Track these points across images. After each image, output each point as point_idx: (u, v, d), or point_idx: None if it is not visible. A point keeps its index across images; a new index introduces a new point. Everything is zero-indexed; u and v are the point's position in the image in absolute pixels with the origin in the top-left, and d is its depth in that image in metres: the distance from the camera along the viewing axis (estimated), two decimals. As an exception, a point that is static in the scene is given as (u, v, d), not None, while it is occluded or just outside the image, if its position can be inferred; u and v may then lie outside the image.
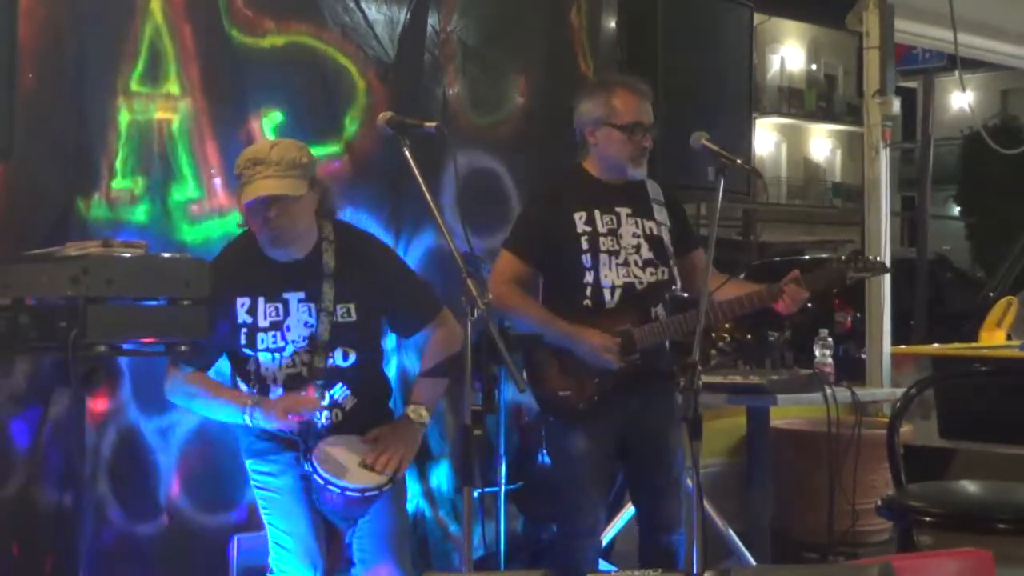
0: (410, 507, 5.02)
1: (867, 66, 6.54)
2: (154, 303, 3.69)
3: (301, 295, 3.76)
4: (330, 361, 3.77)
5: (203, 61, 4.49)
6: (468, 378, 3.43)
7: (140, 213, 4.35)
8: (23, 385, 4.07)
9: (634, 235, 4.15)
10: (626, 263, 4.12)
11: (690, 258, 4.29)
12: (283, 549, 3.76)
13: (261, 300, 3.75)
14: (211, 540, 4.41)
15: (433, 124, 3.62)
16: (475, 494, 3.46)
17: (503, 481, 4.90)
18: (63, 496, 3.87)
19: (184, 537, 4.41)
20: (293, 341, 3.75)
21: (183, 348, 3.67)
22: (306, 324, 3.75)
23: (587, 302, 4.09)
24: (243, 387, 3.83)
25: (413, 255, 4.95)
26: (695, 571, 3.28)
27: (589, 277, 4.10)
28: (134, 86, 4.36)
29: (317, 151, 4.33)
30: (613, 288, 4.10)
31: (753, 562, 5.05)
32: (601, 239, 4.11)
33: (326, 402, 3.76)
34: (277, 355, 3.75)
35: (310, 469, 3.66)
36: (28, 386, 4.07)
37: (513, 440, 5.11)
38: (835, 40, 31.68)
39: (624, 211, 4.18)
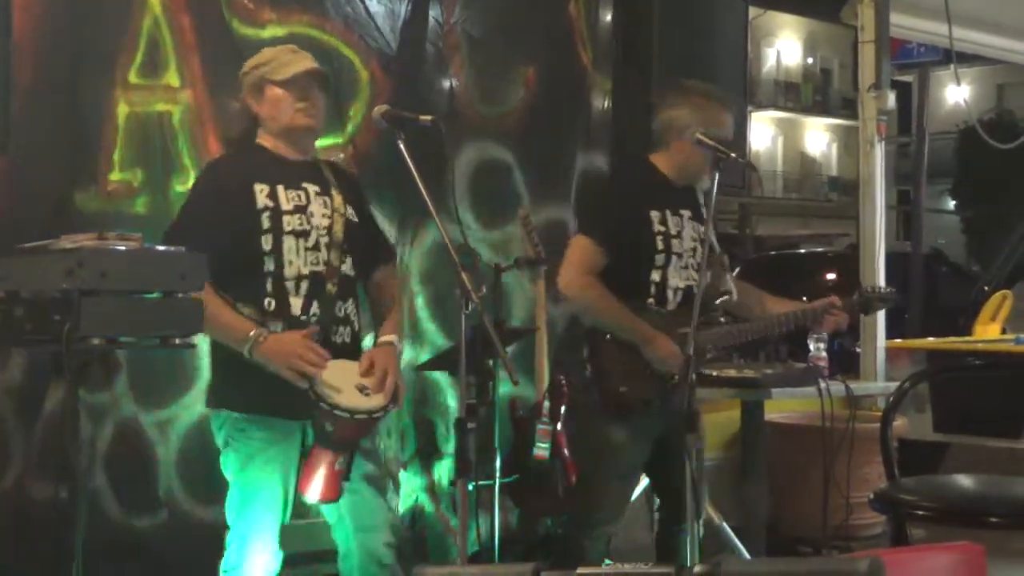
0: (411, 501, 5.04)
1: (862, 60, 6.54)
2: (149, 296, 3.69)
3: (317, 188, 3.75)
4: (343, 267, 3.71)
5: (203, 53, 4.49)
6: (463, 372, 3.44)
7: (140, 205, 4.36)
8: (18, 378, 4.08)
9: (692, 239, 4.20)
10: (686, 266, 4.17)
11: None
12: (257, 498, 3.65)
13: (280, 188, 3.68)
14: (210, 534, 4.41)
15: (429, 117, 3.61)
16: (469, 487, 3.46)
17: (497, 474, 4.91)
18: (59, 490, 3.87)
19: (183, 530, 4.41)
20: (316, 228, 3.68)
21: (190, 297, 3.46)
22: (323, 215, 3.71)
23: (651, 300, 4.13)
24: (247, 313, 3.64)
25: (419, 247, 4.96)
26: (688, 563, 3.29)
27: (657, 276, 4.13)
28: (133, 78, 4.36)
29: (320, 143, 4.34)
30: (676, 290, 4.15)
31: (747, 555, 5.06)
32: (673, 240, 4.15)
33: (341, 313, 3.69)
34: (302, 241, 3.65)
35: (314, 398, 3.53)
36: (24, 379, 4.07)
37: (507, 433, 5.12)
38: (831, 33, 31.65)
39: (687, 214, 4.22)
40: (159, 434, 4.37)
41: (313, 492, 3.60)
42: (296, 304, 3.64)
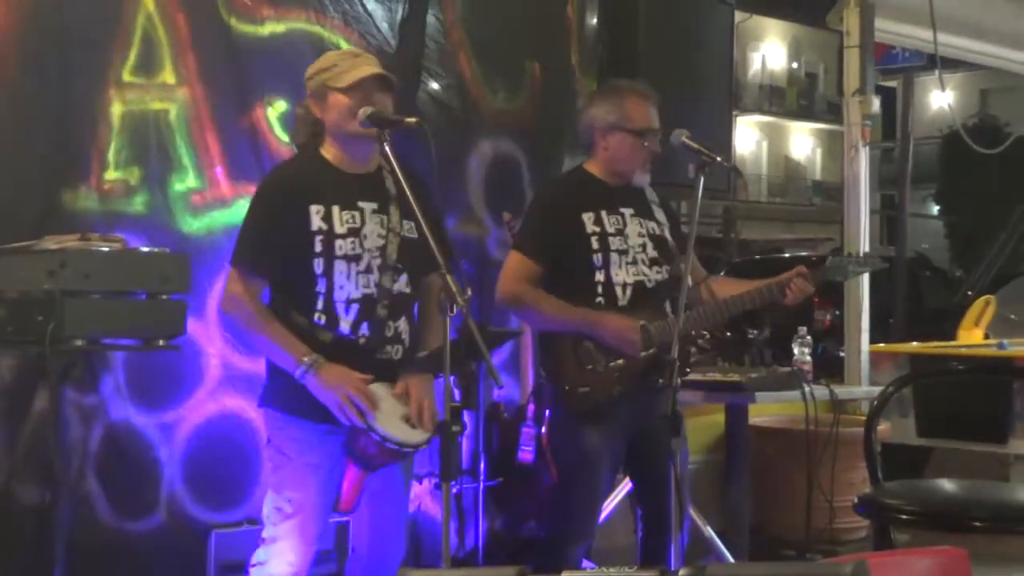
0: (413, 504, 5.03)
1: (847, 65, 6.56)
2: (133, 297, 3.68)
3: (374, 206, 3.67)
4: (396, 286, 3.66)
5: (200, 50, 4.48)
6: (447, 374, 3.43)
7: (138, 204, 4.34)
8: (5, 379, 4.05)
9: (639, 234, 4.19)
10: (634, 261, 4.15)
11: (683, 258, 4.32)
12: (292, 515, 3.61)
13: (336, 208, 3.61)
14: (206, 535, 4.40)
15: (413, 119, 3.60)
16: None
17: (483, 478, 4.91)
18: (44, 493, 3.85)
19: (180, 534, 4.39)
20: (368, 251, 3.63)
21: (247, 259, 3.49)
22: (378, 235, 3.66)
23: (600, 299, 4.11)
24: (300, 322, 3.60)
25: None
26: (673, 567, 3.28)
27: (600, 276, 4.12)
28: (127, 76, 4.35)
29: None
30: (624, 286, 4.13)
31: (731, 559, 5.07)
32: (610, 238, 4.14)
33: (391, 332, 3.65)
34: (353, 265, 3.61)
35: (365, 426, 3.51)
36: (10, 380, 4.04)
37: (493, 437, 5.11)
38: (816, 38, 31.67)
39: (628, 211, 4.21)
40: (160, 436, 4.33)
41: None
42: (346, 324, 3.61)
